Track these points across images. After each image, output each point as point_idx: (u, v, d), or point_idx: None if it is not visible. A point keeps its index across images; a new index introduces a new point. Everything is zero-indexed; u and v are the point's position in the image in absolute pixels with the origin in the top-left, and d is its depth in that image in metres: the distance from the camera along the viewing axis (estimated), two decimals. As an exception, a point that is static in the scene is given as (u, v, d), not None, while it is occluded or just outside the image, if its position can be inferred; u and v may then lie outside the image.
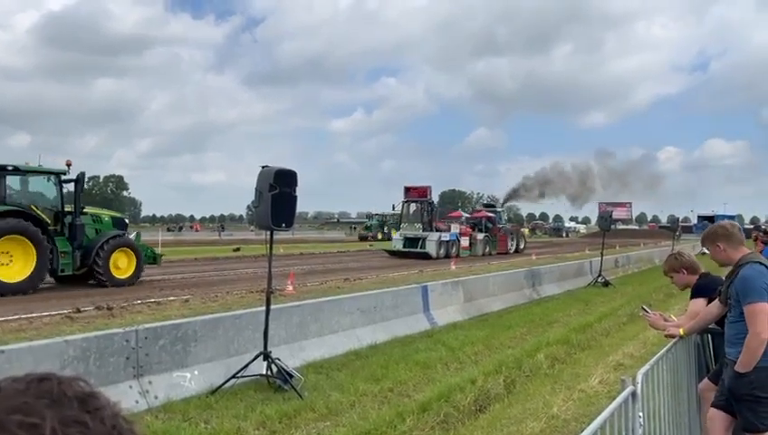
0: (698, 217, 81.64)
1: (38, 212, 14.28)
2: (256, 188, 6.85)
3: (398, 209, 34.03)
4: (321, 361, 7.86)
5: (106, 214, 16.78)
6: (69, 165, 15.37)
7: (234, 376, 6.54)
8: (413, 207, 33.18)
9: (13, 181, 14.55)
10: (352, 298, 9.63)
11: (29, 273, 13.55)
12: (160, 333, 6.41)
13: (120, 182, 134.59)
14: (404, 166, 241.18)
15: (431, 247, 30.13)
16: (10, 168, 14.35)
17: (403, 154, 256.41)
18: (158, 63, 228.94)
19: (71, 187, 15.52)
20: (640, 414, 3.24)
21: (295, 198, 7.01)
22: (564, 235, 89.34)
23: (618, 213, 77.74)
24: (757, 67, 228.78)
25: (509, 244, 36.79)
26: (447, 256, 29.65)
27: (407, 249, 30.65)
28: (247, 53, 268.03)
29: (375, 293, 10.37)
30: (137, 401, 5.88)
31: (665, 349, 4.28)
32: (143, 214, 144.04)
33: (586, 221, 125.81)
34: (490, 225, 36.51)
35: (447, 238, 31.30)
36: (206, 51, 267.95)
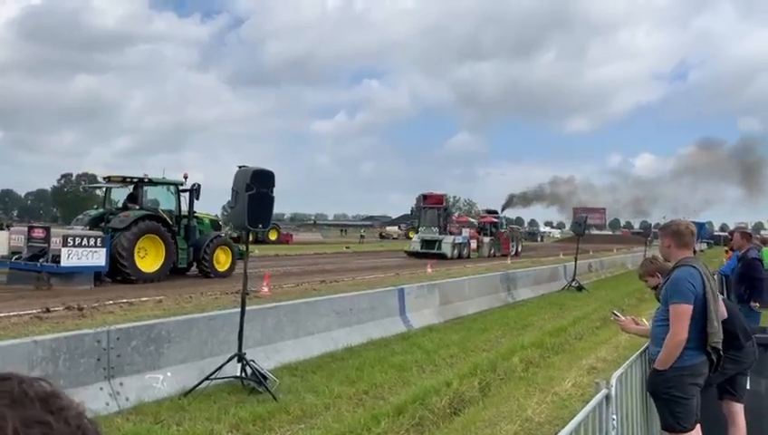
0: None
1: (165, 216, 17.06)
2: (233, 188, 6.79)
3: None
4: (297, 363, 7.80)
5: (206, 217, 19.48)
6: (185, 177, 18.13)
7: (207, 378, 6.46)
8: (430, 212, 36.53)
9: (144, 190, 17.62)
10: (328, 300, 9.59)
11: (159, 265, 16.62)
12: (133, 334, 6.30)
13: (93, 180, 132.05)
14: (384, 169, 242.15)
15: (447, 249, 33.60)
16: (146, 179, 17.42)
17: (383, 157, 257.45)
18: (139, 61, 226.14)
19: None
20: (614, 417, 3.28)
21: (272, 198, 6.96)
22: (539, 239, 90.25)
23: (592, 218, 78.76)
24: (734, 77, 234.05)
25: (510, 246, 40.47)
26: (460, 257, 33.64)
27: (424, 250, 33.55)
28: (232, 53, 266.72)
29: (351, 295, 10.34)
30: (107, 404, 5.77)
31: (637, 353, 4.33)
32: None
33: (561, 226, 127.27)
34: (494, 229, 40.66)
35: (460, 241, 35.15)
36: (189, 49, 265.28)
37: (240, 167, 6.89)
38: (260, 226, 6.94)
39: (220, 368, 6.55)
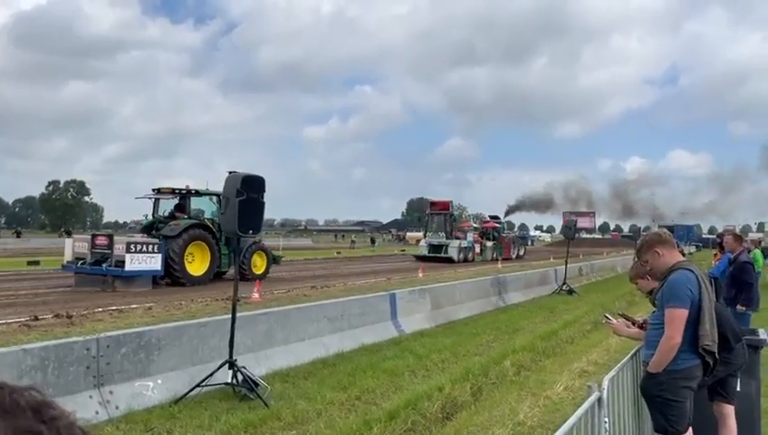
0: (659, 226, 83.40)
1: (210, 224, 18.35)
2: (223, 194, 6.78)
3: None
4: (288, 369, 7.78)
5: None
6: None
7: (198, 385, 6.42)
8: (437, 218, 38.28)
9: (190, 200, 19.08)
10: (319, 306, 9.55)
11: (205, 269, 18.02)
12: (122, 342, 6.26)
13: (81, 187, 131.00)
14: (375, 174, 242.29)
15: (453, 253, 35.09)
16: (193, 191, 18.96)
17: (375, 162, 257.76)
18: (132, 67, 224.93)
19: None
20: (606, 420, 3.28)
21: (263, 204, 6.94)
22: (530, 243, 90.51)
23: (581, 222, 79.08)
24: (723, 82, 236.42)
25: (512, 250, 42.45)
26: (466, 260, 35.11)
27: (432, 254, 35.11)
28: (224, 58, 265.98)
29: (342, 300, 10.31)
30: (97, 412, 5.72)
31: (629, 355, 4.35)
32: (105, 220, 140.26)
33: (551, 230, 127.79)
34: (497, 234, 42.18)
35: (466, 245, 36.61)
36: (182, 55, 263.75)
37: (230, 172, 6.88)
38: (250, 231, 6.92)
39: (211, 375, 6.52)
